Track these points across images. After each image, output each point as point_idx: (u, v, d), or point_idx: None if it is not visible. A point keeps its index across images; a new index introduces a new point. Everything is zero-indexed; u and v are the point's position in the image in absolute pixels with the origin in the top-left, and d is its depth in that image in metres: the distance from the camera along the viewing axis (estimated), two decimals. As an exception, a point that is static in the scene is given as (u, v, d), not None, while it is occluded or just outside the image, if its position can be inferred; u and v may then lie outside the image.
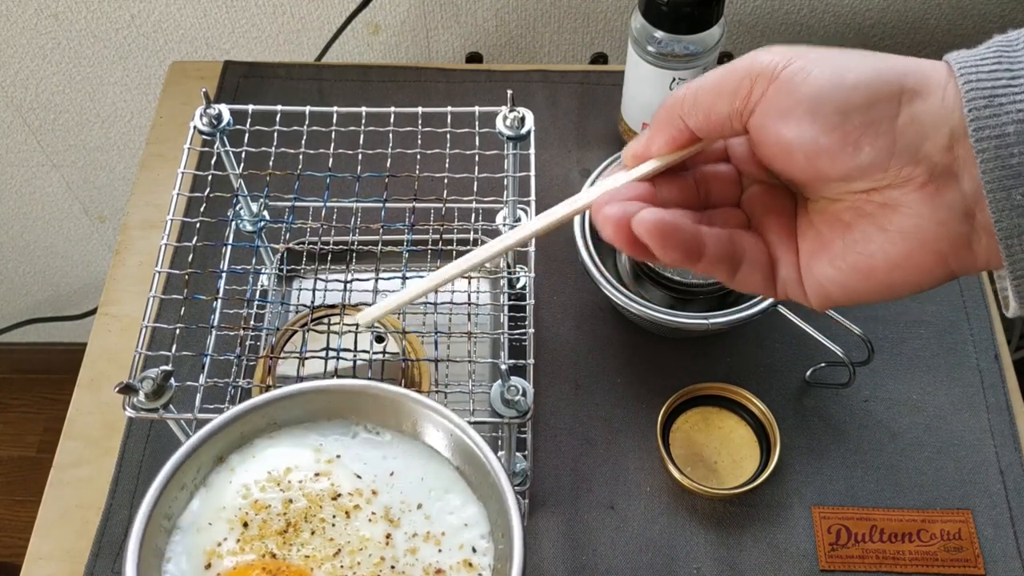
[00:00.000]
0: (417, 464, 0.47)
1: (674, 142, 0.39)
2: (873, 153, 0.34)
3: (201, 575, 0.43)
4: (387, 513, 0.45)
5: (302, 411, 0.47)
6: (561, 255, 0.72)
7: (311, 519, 0.44)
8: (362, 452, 0.47)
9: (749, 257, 0.38)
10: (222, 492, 0.45)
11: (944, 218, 0.33)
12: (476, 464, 0.45)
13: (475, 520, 0.45)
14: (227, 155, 0.58)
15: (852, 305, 0.38)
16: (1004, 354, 0.68)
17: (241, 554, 0.43)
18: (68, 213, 1.21)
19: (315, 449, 0.47)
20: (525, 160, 0.56)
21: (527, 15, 0.93)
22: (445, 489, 0.46)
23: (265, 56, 0.98)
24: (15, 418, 1.53)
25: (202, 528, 0.44)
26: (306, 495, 0.45)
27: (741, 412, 0.65)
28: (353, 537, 0.44)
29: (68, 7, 0.93)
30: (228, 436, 0.45)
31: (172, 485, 0.43)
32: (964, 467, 0.64)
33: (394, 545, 0.44)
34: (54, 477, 0.65)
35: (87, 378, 0.70)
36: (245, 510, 0.44)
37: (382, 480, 0.46)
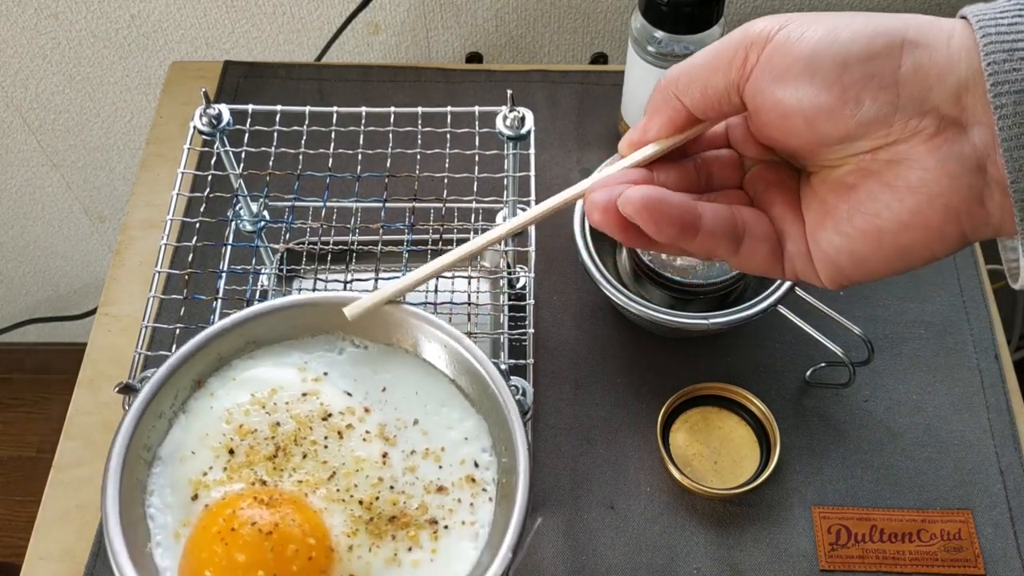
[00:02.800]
0: (410, 378, 0.45)
1: (671, 124, 0.37)
2: (875, 107, 0.32)
3: (187, 506, 0.41)
4: (382, 431, 0.43)
5: (283, 328, 0.45)
6: (561, 255, 0.72)
7: (301, 442, 0.42)
8: (350, 368, 0.45)
9: (752, 231, 0.36)
10: (204, 418, 0.43)
11: (954, 170, 0.32)
12: (473, 376, 0.43)
13: (475, 434, 0.44)
14: (227, 155, 0.58)
15: (866, 279, 0.36)
16: (1004, 354, 0.68)
17: (229, 483, 0.41)
18: (68, 213, 1.21)
19: (299, 368, 0.44)
20: (525, 160, 0.56)
21: (527, 15, 0.93)
22: (441, 403, 0.44)
23: (265, 56, 0.98)
24: (15, 418, 1.53)
25: (185, 458, 0.42)
26: (294, 417, 0.43)
27: (741, 412, 0.65)
28: (348, 458, 0.42)
29: (68, 7, 0.93)
30: (205, 358, 0.43)
31: (148, 414, 0.41)
32: (964, 467, 0.64)
33: (391, 464, 0.42)
34: (54, 477, 0.65)
35: (87, 378, 0.70)
36: (230, 436, 0.42)
37: (374, 397, 0.44)
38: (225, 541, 0.39)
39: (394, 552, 0.40)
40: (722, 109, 0.36)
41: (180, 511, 0.41)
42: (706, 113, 0.37)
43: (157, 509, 0.41)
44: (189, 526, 0.41)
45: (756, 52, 0.34)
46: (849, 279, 0.36)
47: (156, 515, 0.41)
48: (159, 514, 0.41)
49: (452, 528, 0.41)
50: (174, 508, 0.41)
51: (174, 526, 0.41)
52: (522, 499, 0.39)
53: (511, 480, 0.40)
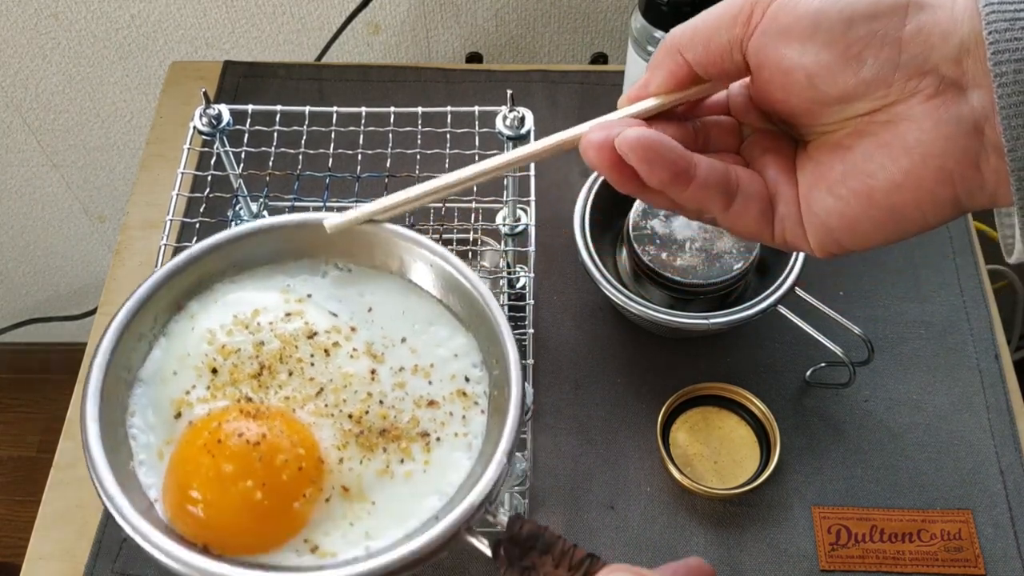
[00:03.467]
0: (396, 299, 0.44)
1: (672, 79, 0.37)
2: (876, 66, 0.32)
3: (170, 425, 0.41)
4: (369, 349, 0.43)
5: (264, 251, 0.44)
6: (561, 255, 0.72)
7: (287, 360, 0.42)
8: (335, 290, 0.45)
9: (745, 189, 0.36)
10: (184, 339, 0.42)
11: (951, 132, 0.32)
12: (461, 293, 0.43)
13: (465, 350, 0.43)
14: (227, 155, 0.58)
15: (856, 246, 0.36)
16: (1004, 354, 0.68)
17: (213, 401, 0.41)
18: (68, 213, 1.21)
19: (283, 290, 0.44)
20: (525, 160, 0.56)
21: (527, 15, 0.93)
22: (429, 322, 0.44)
23: (265, 56, 0.98)
24: (15, 418, 1.53)
25: (167, 378, 0.42)
26: (279, 336, 0.42)
27: (741, 412, 0.65)
28: (335, 375, 0.42)
29: (68, 7, 0.93)
30: (184, 281, 0.43)
31: (127, 335, 0.41)
32: (964, 467, 0.64)
33: (380, 380, 0.42)
34: (54, 477, 0.65)
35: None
36: (212, 356, 0.42)
37: (360, 317, 0.44)
38: (212, 453, 0.38)
39: (386, 464, 0.40)
40: (724, 67, 0.36)
41: (163, 430, 0.41)
42: (708, 70, 0.37)
43: (139, 429, 0.41)
44: (173, 444, 0.40)
45: (761, 9, 0.34)
46: (839, 244, 0.36)
47: (138, 435, 0.41)
48: (141, 434, 0.41)
49: (444, 440, 0.41)
50: (156, 428, 0.41)
51: (157, 445, 0.40)
52: (515, 409, 0.39)
53: (503, 392, 0.40)
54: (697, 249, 0.63)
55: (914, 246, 0.74)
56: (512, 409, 0.39)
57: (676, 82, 0.37)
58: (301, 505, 0.38)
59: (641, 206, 0.65)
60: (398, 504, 0.39)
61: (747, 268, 0.63)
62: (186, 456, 0.39)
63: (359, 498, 0.39)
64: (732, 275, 0.63)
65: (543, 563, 0.34)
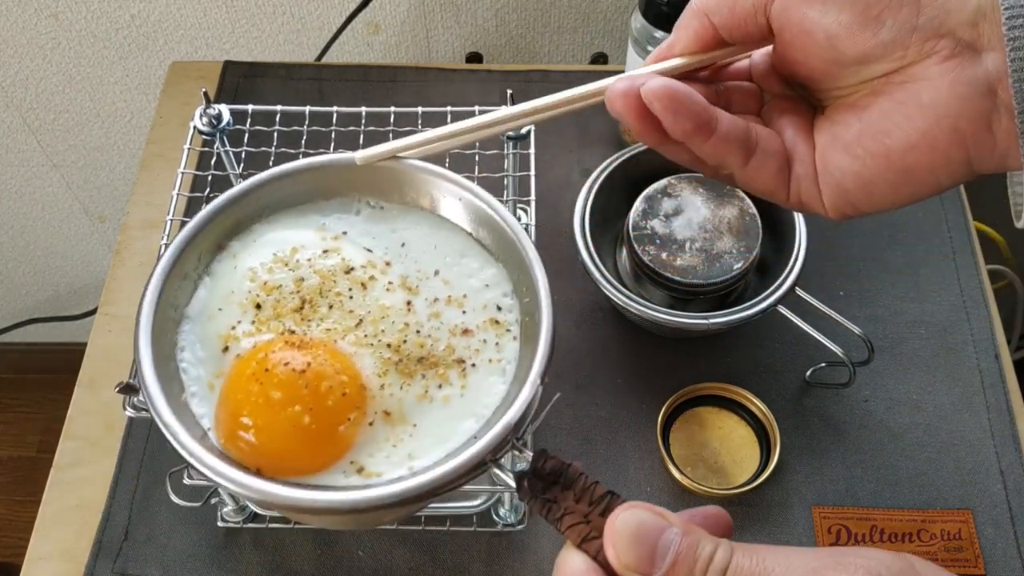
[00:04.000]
0: (428, 233, 0.46)
1: (698, 40, 0.38)
2: (895, 28, 0.33)
3: (219, 359, 0.43)
4: (404, 282, 0.45)
5: (298, 191, 0.46)
6: (561, 255, 0.72)
7: (326, 294, 0.44)
8: (368, 227, 0.46)
9: (764, 146, 0.37)
10: (228, 278, 0.44)
11: (965, 92, 0.33)
12: (491, 226, 0.45)
13: (496, 280, 0.45)
14: (227, 155, 0.58)
15: (870, 207, 0.36)
16: (1004, 354, 0.68)
17: (258, 335, 0.43)
18: (68, 213, 1.21)
19: (318, 228, 0.46)
20: (525, 160, 0.56)
21: (527, 15, 0.93)
22: (460, 254, 0.46)
23: (265, 56, 0.98)
24: (15, 418, 1.53)
25: (213, 315, 0.44)
26: (317, 272, 0.44)
27: (741, 412, 0.65)
28: (373, 307, 0.44)
29: (68, 7, 0.93)
30: (224, 222, 0.45)
31: (173, 275, 0.42)
32: (964, 467, 0.64)
33: (416, 311, 0.44)
34: (54, 477, 0.65)
35: (87, 378, 0.70)
36: (255, 292, 0.44)
37: (394, 252, 0.46)
38: (260, 381, 0.40)
39: (425, 389, 0.42)
40: (748, 30, 0.37)
41: (212, 364, 0.43)
42: (732, 33, 0.38)
43: (189, 363, 0.43)
44: (222, 376, 0.42)
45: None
46: (853, 206, 0.37)
47: (189, 368, 0.42)
48: (191, 367, 0.42)
49: (479, 366, 0.43)
50: (206, 361, 0.43)
51: (207, 377, 0.42)
52: (546, 334, 0.41)
53: (534, 319, 0.42)
54: (697, 249, 0.63)
55: (914, 246, 0.74)
56: (544, 334, 0.41)
57: (701, 44, 0.38)
58: (346, 428, 0.40)
59: (641, 206, 0.65)
60: (438, 426, 0.41)
61: (747, 268, 0.63)
62: (236, 386, 0.41)
63: (401, 421, 0.41)
64: (732, 275, 0.63)
65: (564, 497, 0.35)
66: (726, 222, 0.64)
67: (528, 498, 0.36)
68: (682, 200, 0.65)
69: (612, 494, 0.35)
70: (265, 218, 0.46)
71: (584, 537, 0.34)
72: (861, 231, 0.75)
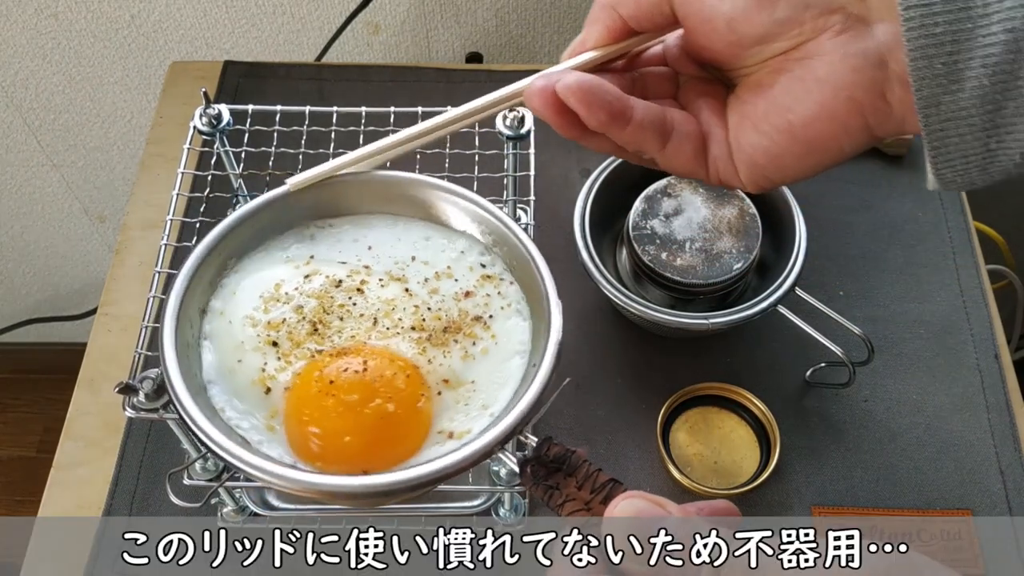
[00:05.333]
0: (387, 231, 0.49)
1: (608, 33, 0.40)
2: (789, 6, 0.35)
3: (264, 401, 0.43)
4: (391, 276, 0.47)
5: (250, 237, 0.47)
6: (561, 255, 0.72)
7: (332, 310, 0.45)
8: (330, 244, 0.48)
9: (679, 129, 0.39)
10: (228, 333, 0.45)
11: (857, 64, 0.35)
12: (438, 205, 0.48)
13: (467, 246, 0.48)
14: (227, 155, 0.58)
15: (783, 179, 0.39)
16: (1004, 354, 0.68)
17: (290, 366, 0.44)
18: (68, 213, 1.21)
19: (286, 261, 0.47)
20: (525, 160, 0.56)
21: (527, 15, 0.93)
22: (425, 238, 0.49)
23: (265, 56, 0.98)
24: (15, 418, 1.53)
25: (234, 368, 0.44)
26: (311, 295, 0.46)
27: (741, 412, 0.65)
28: (379, 304, 0.46)
29: (68, 7, 0.93)
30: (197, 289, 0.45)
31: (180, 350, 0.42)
32: (964, 467, 0.64)
33: (416, 294, 0.46)
34: (54, 477, 0.65)
35: (87, 378, 0.70)
36: (265, 334, 0.45)
37: (366, 256, 0.48)
38: (331, 394, 0.42)
39: (464, 350, 0.45)
40: (655, 20, 0.39)
41: (260, 408, 0.43)
42: (640, 23, 0.39)
43: (236, 419, 0.43)
44: (277, 416, 0.43)
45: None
46: (767, 179, 0.39)
47: (239, 422, 0.43)
48: (241, 421, 0.43)
49: (496, 315, 0.46)
50: (251, 410, 0.43)
51: (262, 423, 0.43)
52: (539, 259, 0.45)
53: (520, 263, 0.46)
54: (697, 249, 0.63)
55: (914, 246, 0.74)
56: (537, 261, 0.45)
57: (612, 36, 0.40)
58: (423, 404, 0.43)
59: (641, 206, 0.65)
60: (492, 374, 0.44)
61: (747, 268, 0.63)
62: (311, 412, 0.42)
63: (460, 383, 0.44)
64: (732, 275, 0.63)
65: (567, 484, 0.35)
66: (726, 222, 0.64)
67: (530, 484, 0.36)
68: (682, 200, 0.65)
69: (615, 481, 0.35)
70: (231, 269, 0.47)
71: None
72: (861, 231, 0.75)
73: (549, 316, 0.43)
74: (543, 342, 0.43)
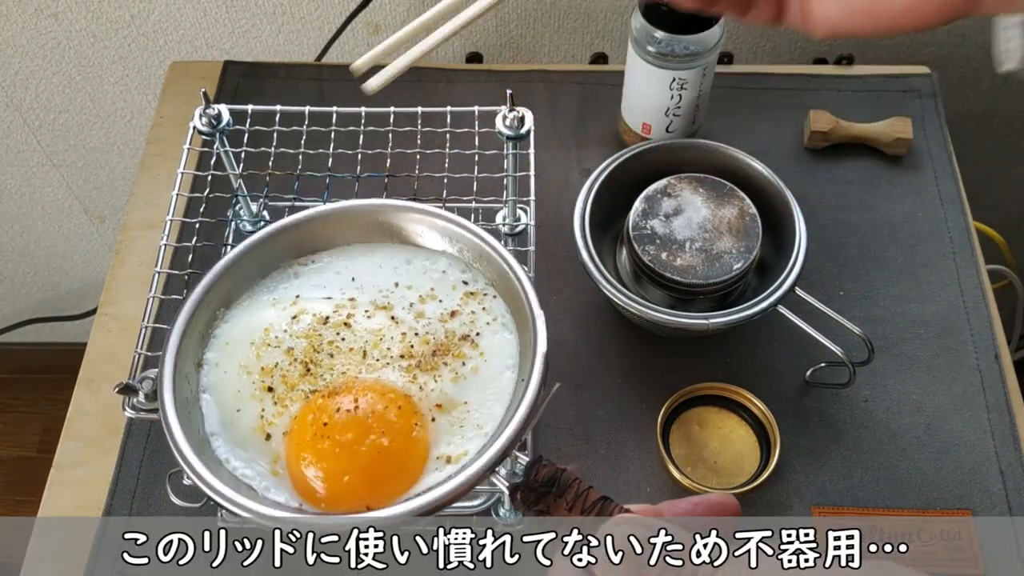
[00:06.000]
0: (366, 261, 0.49)
1: None
2: None
3: (265, 448, 0.44)
4: (376, 305, 0.47)
5: (236, 284, 0.48)
6: (561, 255, 0.72)
7: (321, 348, 0.46)
8: (314, 281, 0.49)
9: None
10: (224, 384, 0.46)
11: None
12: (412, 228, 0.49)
13: (447, 265, 0.49)
14: (227, 155, 0.58)
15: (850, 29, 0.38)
16: (1004, 354, 0.68)
17: (286, 411, 0.44)
18: (68, 213, 1.21)
19: (272, 304, 0.48)
20: (524, 160, 0.56)
21: (527, 15, 0.93)
22: (406, 261, 0.50)
23: (265, 56, 0.98)
24: (15, 418, 1.53)
25: (233, 419, 0.45)
26: (300, 336, 0.46)
27: (741, 412, 0.65)
28: (366, 336, 0.46)
29: (68, 7, 0.93)
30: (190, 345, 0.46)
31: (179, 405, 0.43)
32: (964, 467, 0.64)
33: (402, 321, 0.47)
34: (54, 477, 0.65)
35: (87, 378, 0.70)
36: (259, 379, 0.46)
37: (350, 288, 0.48)
38: (326, 436, 0.42)
39: (454, 372, 0.45)
40: None
41: (262, 456, 0.44)
42: None
43: (241, 467, 0.44)
44: (279, 461, 0.44)
45: None
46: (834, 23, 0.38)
47: (245, 470, 0.44)
48: (246, 468, 0.44)
49: (483, 332, 0.47)
50: (255, 458, 0.44)
51: (266, 469, 0.44)
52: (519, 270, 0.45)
53: (502, 276, 0.47)
54: (697, 249, 0.63)
55: (914, 246, 0.74)
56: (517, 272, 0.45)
57: None
58: (419, 433, 0.44)
59: (641, 206, 0.65)
60: (484, 391, 0.45)
61: (747, 268, 0.63)
62: (310, 455, 0.43)
63: (453, 406, 0.45)
64: (732, 275, 0.63)
65: (557, 507, 0.36)
66: (726, 222, 0.64)
67: (522, 509, 0.37)
68: (682, 200, 0.65)
69: (605, 499, 0.35)
70: (221, 320, 0.48)
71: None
72: (861, 231, 0.75)
73: (534, 327, 0.43)
74: (530, 354, 0.43)
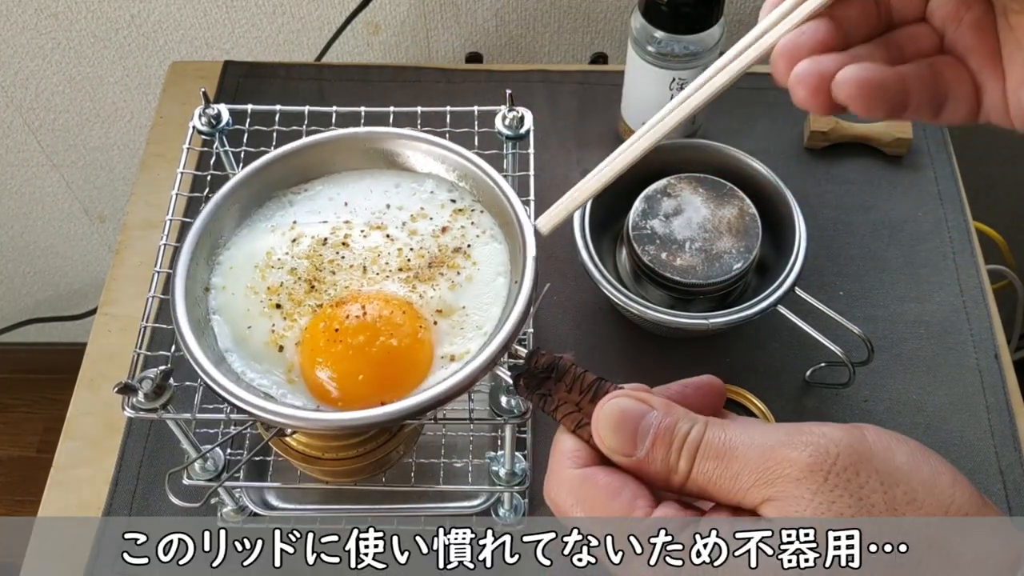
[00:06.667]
0: (358, 185, 0.52)
1: None
2: None
3: (279, 359, 0.47)
4: (371, 225, 0.50)
5: (233, 215, 0.51)
6: (561, 255, 0.72)
7: (323, 267, 0.49)
8: (309, 207, 0.52)
9: (953, 94, 0.35)
10: (233, 305, 0.48)
11: None
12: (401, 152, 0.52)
13: (435, 186, 0.52)
14: (226, 155, 0.58)
15: None
16: (1004, 354, 0.68)
17: (296, 324, 0.47)
18: (68, 213, 1.21)
19: (271, 230, 0.51)
20: (524, 160, 0.56)
21: (527, 15, 0.93)
22: (395, 184, 0.52)
23: (265, 56, 0.98)
24: (15, 418, 1.53)
25: (245, 336, 0.47)
26: (301, 257, 0.49)
27: (741, 412, 0.65)
28: (365, 253, 0.49)
29: (68, 7, 0.93)
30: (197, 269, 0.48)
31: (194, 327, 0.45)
32: (964, 467, 0.64)
33: (396, 238, 0.50)
34: (54, 477, 0.65)
35: (87, 378, 0.70)
36: (266, 297, 0.48)
37: (344, 212, 0.51)
38: (339, 341, 0.45)
39: (450, 281, 0.48)
40: None
41: (277, 366, 0.46)
42: None
43: (258, 379, 0.46)
44: (295, 369, 0.46)
45: None
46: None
47: (261, 380, 0.46)
48: (262, 379, 0.46)
49: (474, 244, 0.50)
50: (271, 368, 0.46)
51: (283, 377, 0.46)
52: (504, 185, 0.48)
53: (487, 193, 0.49)
54: (697, 249, 0.63)
55: (914, 246, 0.74)
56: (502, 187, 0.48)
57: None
58: (423, 334, 0.47)
59: (641, 206, 0.65)
60: (480, 296, 0.48)
61: (747, 268, 0.63)
62: (323, 359, 0.45)
63: (452, 311, 0.48)
64: (732, 275, 0.63)
65: (557, 389, 0.38)
66: (726, 222, 0.64)
67: (525, 394, 0.39)
68: (682, 200, 0.65)
69: (601, 380, 0.37)
70: (223, 247, 0.50)
71: (577, 424, 0.37)
72: (861, 231, 0.75)
73: (523, 236, 0.45)
74: (521, 260, 0.45)
